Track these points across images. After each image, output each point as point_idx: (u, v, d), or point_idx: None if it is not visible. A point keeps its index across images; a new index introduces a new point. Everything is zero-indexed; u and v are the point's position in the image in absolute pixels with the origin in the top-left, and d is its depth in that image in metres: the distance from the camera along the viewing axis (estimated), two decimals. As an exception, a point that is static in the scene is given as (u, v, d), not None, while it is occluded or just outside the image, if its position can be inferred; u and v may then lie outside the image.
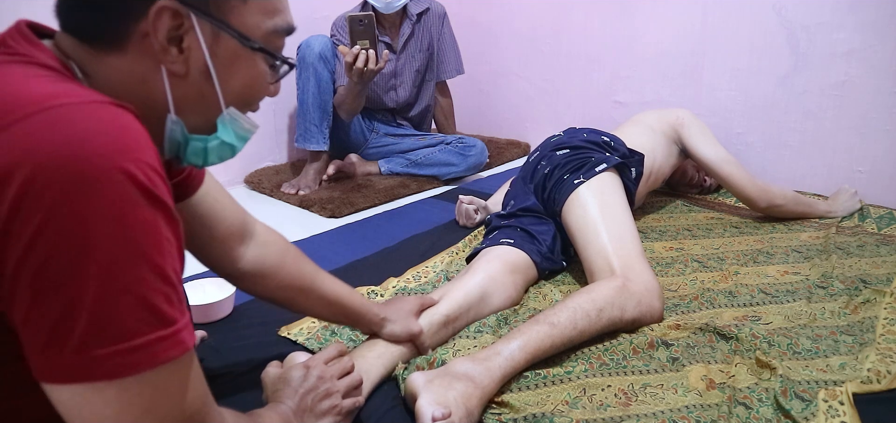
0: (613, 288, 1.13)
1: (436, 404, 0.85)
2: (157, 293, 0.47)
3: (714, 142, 1.75)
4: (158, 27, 0.53)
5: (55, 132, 0.44)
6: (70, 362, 0.45)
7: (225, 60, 0.58)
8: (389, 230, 1.76)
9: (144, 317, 0.46)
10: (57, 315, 0.44)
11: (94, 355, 0.45)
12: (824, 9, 1.89)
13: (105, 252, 0.44)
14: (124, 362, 0.46)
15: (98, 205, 0.44)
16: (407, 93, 2.34)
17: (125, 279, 0.45)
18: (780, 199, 1.74)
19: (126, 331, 0.46)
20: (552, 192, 1.41)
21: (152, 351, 0.47)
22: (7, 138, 0.43)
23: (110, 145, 0.45)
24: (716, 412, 0.93)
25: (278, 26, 0.62)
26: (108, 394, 0.46)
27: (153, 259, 0.47)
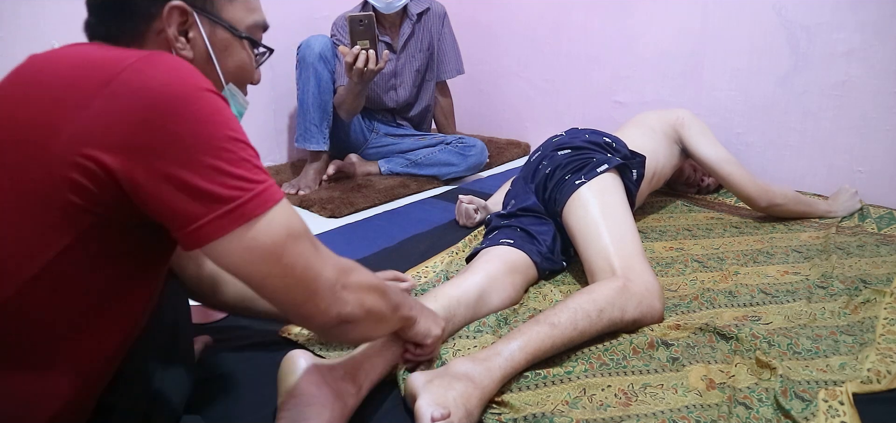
0: (614, 288, 1.13)
1: (435, 404, 0.85)
2: (255, 157, 0.64)
3: (714, 141, 1.76)
4: (170, 22, 0.70)
5: (155, 71, 0.59)
6: (222, 218, 0.60)
7: (221, 47, 0.75)
8: (389, 230, 1.76)
9: (256, 172, 0.63)
10: (199, 192, 0.58)
11: (235, 206, 0.60)
12: (824, 9, 1.89)
13: (219, 138, 0.60)
14: (254, 201, 0.61)
15: (205, 110, 0.60)
16: (407, 93, 2.34)
17: (237, 152, 0.61)
18: (780, 198, 1.74)
19: (257, 179, 0.63)
20: (553, 192, 1.41)
21: (271, 191, 0.64)
22: (121, 81, 0.58)
23: (192, 75, 0.61)
24: (716, 412, 0.93)
25: (257, 21, 0.79)
26: (251, 231, 0.61)
27: (243, 137, 0.63)
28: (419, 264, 1.48)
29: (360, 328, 0.77)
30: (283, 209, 0.65)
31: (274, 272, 0.64)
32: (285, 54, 2.32)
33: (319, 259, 0.69)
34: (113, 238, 0.61)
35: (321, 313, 0.69)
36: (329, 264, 0.70)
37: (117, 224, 0.60)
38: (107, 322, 0.66)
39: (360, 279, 0.76)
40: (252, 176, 0.62)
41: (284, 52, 2.35)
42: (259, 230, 0.61)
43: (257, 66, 0.81)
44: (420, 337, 0.95)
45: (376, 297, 0.79)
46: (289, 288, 0.66)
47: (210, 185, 0.59)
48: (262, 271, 0.63)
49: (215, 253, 0.61)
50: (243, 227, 0.61)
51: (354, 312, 0.73)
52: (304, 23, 2.41)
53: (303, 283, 0.66)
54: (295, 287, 0.66)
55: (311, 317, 0.70)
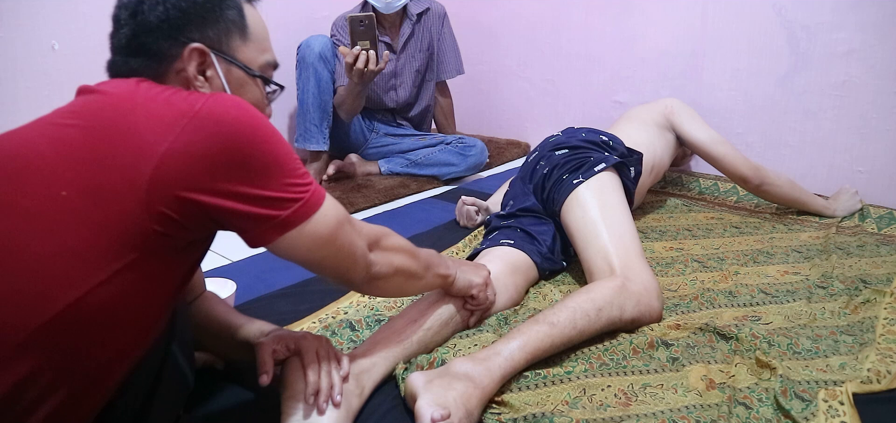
0: (612, 288, 1.13)
1: (435, 404, 0.85)
2: (302, 165, 0.75)
3: (704, 124, 1.78)
4: (190, 63, 0.76)
5: (225, 106, 0.69)
6: (291, 217, 0.72)
7: (236, 85, 0.81)
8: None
9: (306, 177, 0.74)
10: (271, 200, 0.70)
11: (299, 206, 0.72)
12: (824, 9, 1.89)
13: (280, 156, 0.72)
14: (312, 200, 0.74)
15: (268, 135, 0.71)
16: (407, 93, 2.34)
17: (291, 164, 0.73)
18: (773, 178, 1.75)
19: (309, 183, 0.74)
20: (551, 192, 1.41)
21: (320, 190, 0.76)
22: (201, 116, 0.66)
23: (251, 108, 0.71)
24: (716, 412, 0.93)
25: (268, 61, 0.85)
26: (312, 224, 0.74)
27: (292, 151, 0.74)
28: (419, 264, 1.48)
29: (392, 283, 0.91)
30: (332, 202, 0.77)
31: (331, 254, 0.77)
32: (285, 54, 2.33)
33: (356, 234, 0.81)
34: (167, 253, 0.68)
35: (358, 275, 0.83)
36: (362, 234, 0.83)
37: (181, 243, 0.68)
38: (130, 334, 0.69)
39: (388, 243, 0.89)
40: (305, 181, 0.74)
41: (284, 53, 2.35)
42: (317, 223, 0.74)
43: (269, 102, 0.88)
44: (464, 290, 1.08)
45: (404, 256, 0.91)
46: (339, 263, 0.80)
47: (278, 193, 0.70)
48: (322, 254, 0.76)
49: (283, 246, 0.73)
50: (307, 222, 0.73)
51: (383, 270, 0.86)
52: (304, 23, 2.41)
53: (349, 257, 0.80)
54: (343, 261, 0.80)
55: (352, 280, 0.84)
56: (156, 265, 0.67)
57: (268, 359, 0.87)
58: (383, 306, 1.27)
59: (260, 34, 0.83)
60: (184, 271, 0.75)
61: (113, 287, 0.64)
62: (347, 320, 1.16)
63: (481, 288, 1.11)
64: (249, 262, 1.51)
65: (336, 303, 1.28)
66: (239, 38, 0.80)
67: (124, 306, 0.66)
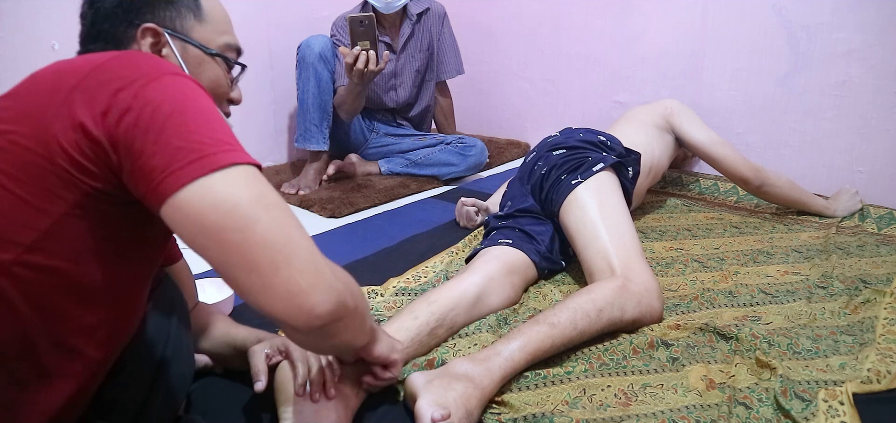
0: (613, 288, 1.13)
1: (435, 405, 0.85)
2: (228, 130, 0.63)
3: (704, 126, 1.78)
4: (143, 42, 0.76)
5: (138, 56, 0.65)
6: (193, 167, 0.57)
7: (193, 64, 0.80)
8: (389, 230, 1.76)
9: (230, 136, 0.62)
10: (167, 149, 0.58)
11: (198, 156, 0.58)
12: (824, 9, 1.89)
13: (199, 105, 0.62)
14: (228, 155, 0.59)
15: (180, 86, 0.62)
16: (407, 93, 2.34)
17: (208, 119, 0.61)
18: (773, 178, 1.74)
19: (221, 140, 0.60)
20: (550, 192, 1.41)
21: (240, 152, 0.61)
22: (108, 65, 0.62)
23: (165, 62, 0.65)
24: (716, 412, 0.93)
25: (228, 42, 0.84)
26: (226, 176, 0.58)
27: (216, 113, 0.63)
28: (419, 264, 1.48)
29: (353, 325, 0.69)
30: (255, 174, 0.61)
31: (232, 240, 0.57)
32: (285, 54, 2.33)
33: (301, 233, 0.61)
34: (105, 213, 0.63)
35: (303, 297, 0.59)
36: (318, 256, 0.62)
37: (108, 199, 0.62)
38: (99, 305, 0.67)
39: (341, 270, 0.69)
40: (223, 138, 0.60)
41: (284, 52, 2.36)
42: (215, 180, 0.57)
43: (233, 84, 0.86)
44: (385, 355, 0.87)
45: (358, 290, 0.72)
46: (248, 259, 0.57)
47: (178, 142, 0.58)
48: (215, 231, 0.57)
49: (170, 211, 0.57)
50: (205, 177, 0.57)
51: (348, 304, 0.64)
52: (304, 23, 2.41)
53: (270, 257, 0.57)
54: (259, 257, 0.57)
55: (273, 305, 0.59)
56: (95, 225, 0.62)
57: (262, 365, 0.87)
58: (383, 306, 1.27)
59: (217, 16, 0.83)
60: (139, 239, 0.68)
61: (52, 250, 0.60)
62: (347, 321, 1.15)
63: (400, 362, 0.91)
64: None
65: (336, 303, 1.28)
66: (194, 19, 0.80)
67: (76, 273, 0.63)
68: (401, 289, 1.34)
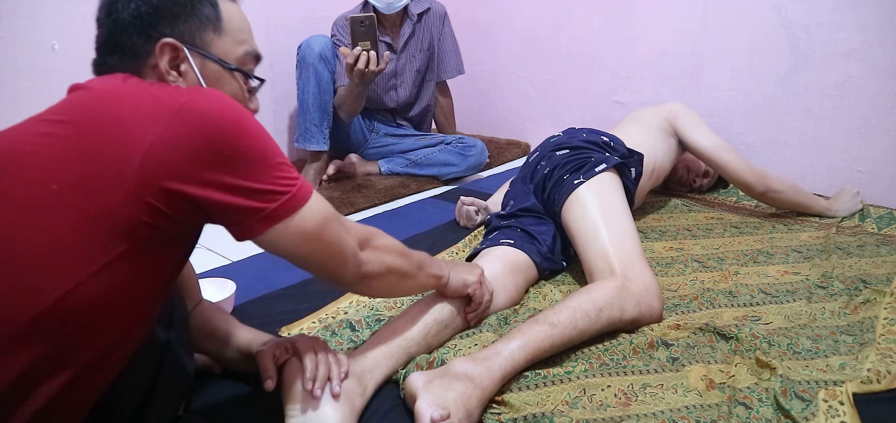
0: (613, 288, 1.13)
1: (435, 405, 0.85)
2: (287, 161, 0.75)
3: (709, 131, 1.76)
4: (162, 58, 0.76)
5: (210, 100, 0.70)
6: (277, 210, 0.72)
7: (211, 79, 0.80)
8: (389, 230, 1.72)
9: (292, 171, 0.75)
10: (257, 192, 0.71)
11: (286, 199, 0.73)
12: (824, 9, 1.89)
13: (265, 150, 0.72)
14: (299, 195, 0.74)
15: (253, 128, 0.72)
16: (407, 93, 2.34)
17: (277, 159, 0.73)
18: (777, 184, 1.74)
19: (295, 176, 0.75)
20: (552, 192, 1.41)
21: (307, 185, 0.76)
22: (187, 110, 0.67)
23: (235, 102, 0.72)
24: (716, 412, 0.93)
25: (248, 52, 0.84)
26: (299, 218, 0.74)
27: (277, 146, 0.74)
28: (419, 264, 1.48)
29: (384, 282, 0.91)
30: (319, 198, 0.78)
31: (317, 249, 0.78)
32: (285, 54, 2.33)
33: (346, 232, 0.82)
34: (155, 247, 0.68)
35: (348, 274, 0.84)
36: (352, 232, 0.84)
37: (169, 235, 0.68)
38: (122, 325, 0.69)
39: (380, 242, 0.90)
40: (291, 175, 0.74)
41: (284, 52, 2.35)
42: (304, 217, 0.74)
43: (251, 93, 0.87)
44: (459, 290, 1.07)
45: (396, 256, 0.92)
46: (327, 260, 0.80)
47: (264, 185, 0.71)
48: (309, 249, 0.77)
49: (270, 239, 0.73)
50: (294, 215, 0.73)
51: (375, 269, 0.87)
52: (304, 23, 2.41)
53: (337, 254, 0.81)
54: (331, 258, 0.80)
55: (342, 279, 0.84)
56: (145, 257, 0.68)
57: (270, 365, 0.88)
58: (383, 306, 1.27)
59: (236, 26, 0.83)
60: (174, 262, 0.76)
61: (103, 280, 0.64)
62: (347, 321, 1.16)
63: (476, 286, 1.10)
64: (249, 262, 1.51)
65: (336, 303, 1.28)
66: (213, 31, 0.80)
67: (116, 299, 0.67)
68: (401, 289, 1.34)
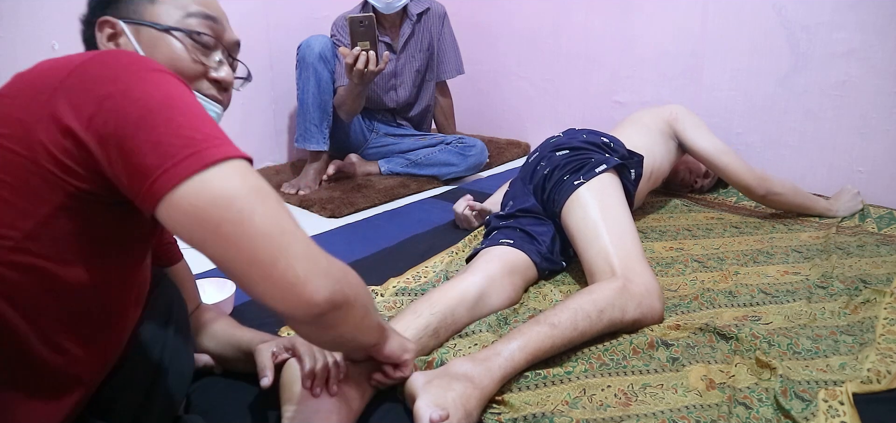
0: (614, 289, 1.13)
1: (434, 405, 0.85)
2: (213, 125, 0.61)
3: (709, 133, 1.76)
4: (101, 36, 0.78)
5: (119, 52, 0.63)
6: (188, 163, 0.57)
7: (147, 45, 0.77)
8: (389, 230, 1.76)
9: (218, 130, 0.61)
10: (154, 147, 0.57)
11: (189, 153, 0.57)
12: (824, 9, 1.89)
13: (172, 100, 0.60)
14: (221, 150, 0.58)
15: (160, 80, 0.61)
16: (407, 93, 2.34)
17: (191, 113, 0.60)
18: (778, 186, 1.74)
19: (210, 135, 0.59)
20: (552, 193, 1.41)
21: (231, 146, 0.60)
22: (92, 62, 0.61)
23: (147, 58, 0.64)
24: (716, 412, 0.93)
25: (190, 11, 0.79)
26: (220, 171, 0.57)
27: (199, 108, 0.62)
28: (419, 264, 1.48)
29: (353, 316, 0.69)
30: (246, 167, 0.60)
31: (227, 232, 0.57)
32: (285, 54, 2.33)
33: (294, 226, 0.61)
34: (90, 213, 0.63)
35: (301, 286, 0.60)
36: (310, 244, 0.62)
37: (94, 199, 0.62)
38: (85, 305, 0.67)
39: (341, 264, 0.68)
40: (211, 132, 0.60)
41: (284, 52, 2.36)
42: (209, 177, 0.57)
43: (206, 48, 0.80)
44: (396, 355, 0.88)
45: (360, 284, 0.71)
46: (244, 249, 0.58)
47: (166, 138, 0.57)
48: (212, 226, 0.57)
49: (165, 210, 0.57)
50: (200, 173, 0.57)
51: (346, 293, 0.65)
52: (304, 23, 2.41)
53: (266, 246, 0.58)
54: (257, 249, 0.58)
55: (272, 292, 0.59)
56: (80, 225, 0.62)
57: (268, 362, 0.87)
58: (383, 306, 1.27)
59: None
60: (124, 238, 0.69)
61: (37, 250, 0.60)
62: (347, 321, 1.15)
63: (411, 361, 0.92)
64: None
65: (336, 303, 1.28)
66: (147, 1, 0.78)
67: (60, 272, 0.62)
68: (401, 289, 1.34)
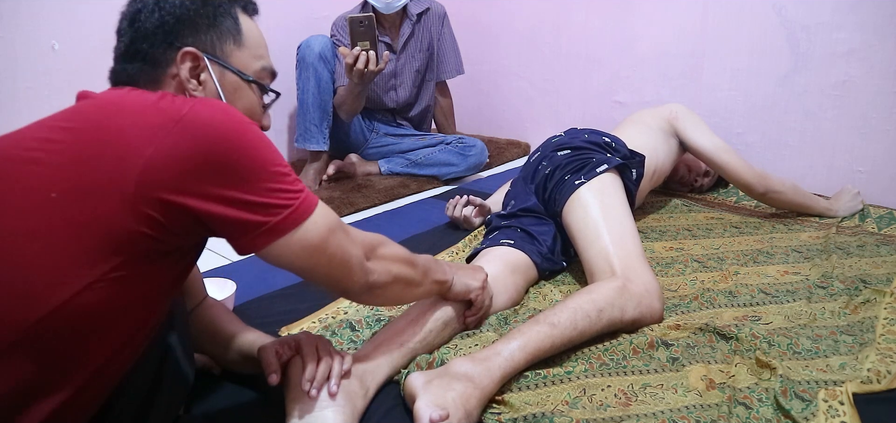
0: (614, 289, 1.13)
1: (434, 405, 0.85)
2: (292, 172, 0.74)
3: (709, 132, 1.76)
4: (183, 66, 0.77)
5: (212, 111, 0.69)
6: (279, 224, 0.71)
7: (230, 90, 0.81)
8: (389, 230, 1.74)
9: (297, 184, 0.74)
10: (259, 206, 0.70)
11: (288, 213, 0.72)
12: (824, 9, 1.89)
13: (268, 162, 0.71)
14: (302, 207, 0.73)
15: (255, 140, 0.70)
16: (407, 93, 2.34)
17: (281, 170, 0.72)
18: (777, 185, 1.74)
19: (299, 189, 0.74)
20: (553, 192, 1.41)
21: (311, 197, 0.75)
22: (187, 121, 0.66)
23: (238, 113, 0.72)
24: (716, 412, 0.93)
25: (265, 67, 0.86)
26: (302, 231, 0.73)
27: (281, 158, 0.73)
28: (419, 264, 1.48)
29: (390, 292, 0.90)
30: (324, 209, 0.77)
31: (321, 262, 0.77)
32: (285, 54, 2.33)
33: (350, 242, 0.81)
34: (156, 258, 0.68)
35: (355, 284, 0.83)
36: (357, 243, 0.83)
37: (168, 247, 0.68)
38: (120, 337, 0.69)
39: (386, 251, 0.90)
40: (295, 188, 0.73)
41: (284, 53, 2.35)
42: (307, 230, 0.74)
43: (265, 109, 0.88)
44: (462, 295, 1.07)
45: (402, 265, 0.92)
46: (332, 271, 0.79)
47: (266, 198, 0.70)
48: (314, 262, 0.76)
49: (273, 253, 0.72)
50: (296, 228, 0.72)
51: (381, 278, 0.86)
52: (304, 23, 2.41)
53: (342, 265, 0.80)
54: (336, 270, 0.80)
55: (348, 289, 0.84)
56: (145, 269, 0.67)
57: (273, 360, 0.88)
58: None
59: (255, 41, 0.84)
60: (174, 274, 0.75)
61: (102, 290, 0.64)
62: (347, 321, 1.16)
63: (478, 292, 1.11)
64: (249, 262, 1.50)
65: (336, 303, 1.29)
66: (233, 43, 0.81)
67: (115, 310, 0.66)
68: (401, 289, 1.34)
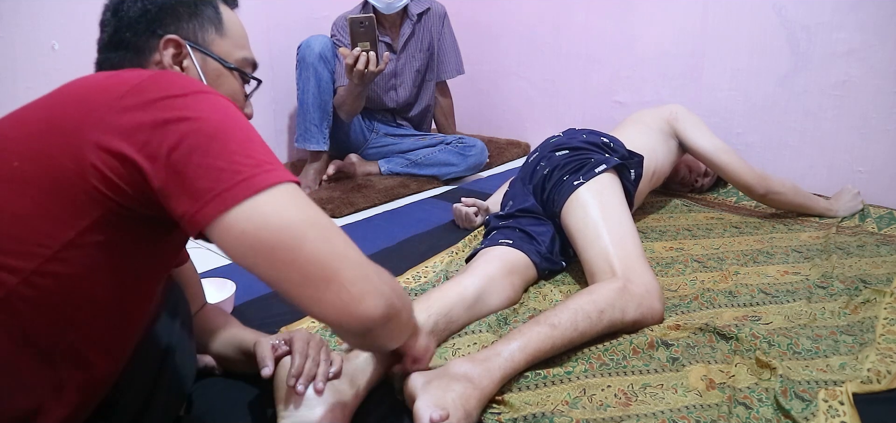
0: (614, 290, 1.13)
1: (434, 405, 0.85)
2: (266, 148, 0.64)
3: (709, 133, 1.76)
4: (165, 53, 0.77)
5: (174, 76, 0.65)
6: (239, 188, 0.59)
7: (212, 77, 0.81)
8: (389, 230, 1.76)
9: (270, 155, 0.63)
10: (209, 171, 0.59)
11: (240, 179, 0.59)
12: (824, 9, 1.89)
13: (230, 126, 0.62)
14: (272, 175, 0.61)
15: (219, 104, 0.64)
16: (407, 93, 2.34)
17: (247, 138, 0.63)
18: (777, 185, 1.74)
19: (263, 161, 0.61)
20: (551, 193, 1.41)
21: (282, 170, 0.62)
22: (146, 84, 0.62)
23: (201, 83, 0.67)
24: (716, 412, 0.93)
25: (246, 57, 0.85)
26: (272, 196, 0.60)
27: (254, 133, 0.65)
28: (419, 264, 1.48)
29: (399, 324, 0.70)
30: (298, 193, 0.62)
31: (281, 260, 0.60)
32: (285, 54, 2.33)
33: (344, 244, 0.63)
34: (123, 228, 0.64)
35: (355, 305, 0.61)
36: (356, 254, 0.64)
37: (134, 215, 0.64)
38: (108, 317, 0.68)
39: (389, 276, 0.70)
40: (264, 158, 0.62)
41: (284, 53, 2.35)
42: (261, 204, 0.59)
43: (247, 97, 0.87)
44: (421, 352, 0.90)
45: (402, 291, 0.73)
46: (292, 275, 0.60)
47: (222, 162, 0.59)
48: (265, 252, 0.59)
49: (218, 232, 0.59)
50: (246, 200, 0.59)
51: (396, 305, 0.66)
52: (304, 23, 2.41)
53: (315, 274, 0.60)
54: (301, 275, 0.60)
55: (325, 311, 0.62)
56: (118, 236, 0.64)
57: (268, 353, 0.88)
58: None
59: (236, 32, 0.85)
60: (149, 257, 0.71)
61: (72, 261, 0.62)
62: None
63: (430, 357, 0.94)
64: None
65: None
66: (215, 32, 0.82)
67: (91, 284, 0.64)
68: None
